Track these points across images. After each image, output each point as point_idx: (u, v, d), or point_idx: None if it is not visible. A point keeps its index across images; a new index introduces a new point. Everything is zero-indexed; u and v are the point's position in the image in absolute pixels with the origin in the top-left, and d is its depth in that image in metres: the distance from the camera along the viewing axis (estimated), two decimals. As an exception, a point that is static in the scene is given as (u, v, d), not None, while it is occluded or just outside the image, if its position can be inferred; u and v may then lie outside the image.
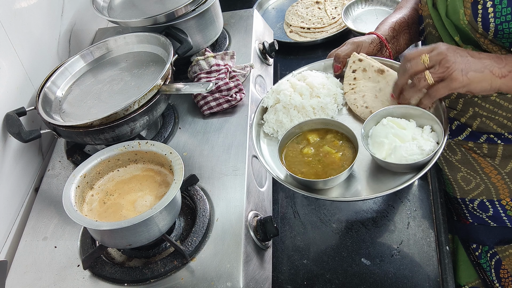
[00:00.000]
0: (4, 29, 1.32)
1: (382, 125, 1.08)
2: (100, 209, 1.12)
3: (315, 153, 1.09)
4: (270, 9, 2.04)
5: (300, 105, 1.18)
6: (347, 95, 1.21)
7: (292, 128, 1.13)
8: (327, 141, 1.11)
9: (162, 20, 1.43)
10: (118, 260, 1.16)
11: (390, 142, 1.04)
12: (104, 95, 1.36)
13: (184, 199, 1.22)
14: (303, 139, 1.13)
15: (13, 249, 1.22)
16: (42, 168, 1.42)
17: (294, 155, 1.10)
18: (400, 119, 1.09)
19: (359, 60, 1.24)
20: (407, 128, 1.07)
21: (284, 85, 1.23)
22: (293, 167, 1.08)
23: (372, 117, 1.10)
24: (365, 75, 1.22)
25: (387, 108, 1.11)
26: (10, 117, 1.29)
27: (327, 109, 1.19)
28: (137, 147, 1.18)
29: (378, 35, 1.32)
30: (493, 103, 1.18)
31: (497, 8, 1.04)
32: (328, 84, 1.23)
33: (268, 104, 1.22)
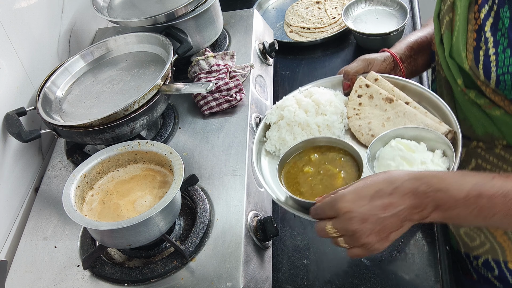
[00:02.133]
0: (4, 29, 1.32)
1: (390, 147, 1.02)
2: (100, 209, 1.12)
3: (315, 171, 1.04)
4: (270, 9, 2.04)
5: (304, 122, 1.13)
6: (351, 120, 1.14)
7: (295, 145, 1.08)
8: (329, 159, 1.05)
9: (162, 20, 1.43)
10: (118, 260, 1.16)
11: (397, 165, 0.98)
12: (104, 95, 1.36)
13: (184, 199, 1.22)
14: (305, 156, 1.08)
15: (13, 249, 1.22)
16: (42, 168, 1.42)
17: (294, 173, 1.05)
18: (409, 141, 1.02)
19: (366, 86, 1.16)
20: (416, 151, 1.00)
21: (289, 101, 1.18)
22: (292, 187, 1.02)
23: (380, 138, 1.04)
24: (371, 102, 1.15)
25: (397, 129, 1.05)
26: (10, 117, 1.29)
27: (333, 128, 1.13)
28: (137, 147, 1.18)
29: (392, 53, 1.25)
30: (498, 156, 1.08)
31: (500, 56, 0.95)
32: (336, 102, 1.17)
33: (271, 120, 1.17)
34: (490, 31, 0.96)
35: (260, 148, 1.16)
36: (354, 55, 1.75)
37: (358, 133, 1.11)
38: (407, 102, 1.11)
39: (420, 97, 1.13)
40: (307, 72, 1.74)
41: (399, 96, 1.12)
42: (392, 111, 1.11)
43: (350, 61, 1.72)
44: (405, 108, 1.09)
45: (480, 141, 1.10)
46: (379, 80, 1.17)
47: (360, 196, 0.85)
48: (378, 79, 1.17)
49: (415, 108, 1.09)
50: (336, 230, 0.87)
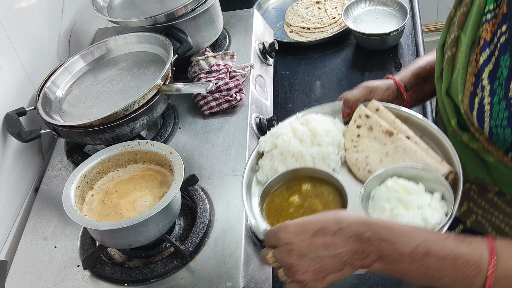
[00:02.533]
0: (4, 29, 1.32)
1: (386, 187, 0.94)
2: (100, 209, 1.12)
3: (300, 203, 0.97)
4: (270, 9, 2.04)
5: (298, 153, 1.05)
6: (348, 153, 1.06)
7: (283, 173, 1.01)
8: (318, 193, 0.98)
9: (162, 20, 1.43)
10: (118, 260, 1.16)
11: (392, 208, 0.91)
12: (104, 95, 1.36)
13: (184, 199, 1.22)
14: (296, 185, 1.00)
15: (13, 249, 1.22)
16: (42, 168, 1.42)
17: (279, 202, 0.98)
18: (407, 182, 0.94)
19: (366, 116, 1.08)
20: (413, 193, 0.92)
21: (284, 128, 1.10)
22: (273, 218, 0.96)
23: (377, 176, 0.96)
24: (370, 134, 1.07)
25: (395, 167, 0.97)
26: (10, 117, 1.29)
27: (329, 160, 1.05)
28: (137, 147, 1.18)
29: (396, 81, 1.17)
30: (490, 202, 1.01)
31: (495, 107, 0.87)
32: (333, 131, 1.09)
33: (264, 149, 1.08)
34: (487, 78, 0.89)
35: (252, 176, 1.07)
36: (354, 55, 1.76)
37: (354, 168, 1.04)
38: (408, 137, 1.03)
39: (423, 131, 1.05)
40: (307, 72, 1.74)
41: (400, 130, 1.05)
42: (392, 145, 1.03)
43: (350, 61, 1.74)
44: (405, 143, 1.02)
45: (473, 184, 1.03)
46: (380, 110, 1.09)
47: (303, 230, 0.81)
48: (380, 109, 1.09)
49: (416, 143, 1.02)
50: (275, 260, 0.83)
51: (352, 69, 1.70)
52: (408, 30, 1.77)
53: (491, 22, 0.91)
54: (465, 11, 0.97)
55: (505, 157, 0.91)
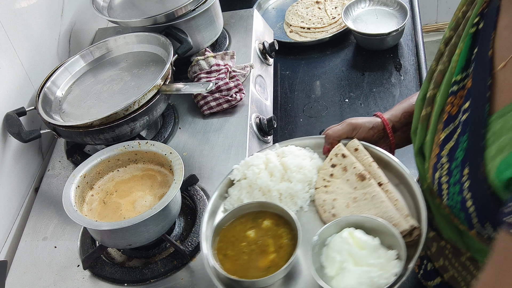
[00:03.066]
0: (4, 29, 1.32)
1: (340, 237, 0.89)
2: (100, 209, 1.12)
3: (254, 239, 0.94)
4: (270, 9, 2.04)
5: (266, 187, 1.01)
6: (318, 192, 1.02)
7: (247, 204, 0.99)
8: (276, 234, 0.94)
9: (162, 20, 1.43)
10: (118, 260, 1.16)
11: (342, 261, 0.86)
12: (104, 95, 1.36)
13: (184, 199, 1.22)
14: (260, 218, 0.97)
15: (13, 249, 1.22)
16: (42, 168, 1.42)
17: (238, 231, 0.96)
18: (363, 235, 0.89)
19: (343, 156, 1.03)
20: (366, 248, 0.87)
21: (257, 159, 1.06)
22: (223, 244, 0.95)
23: (336, 223, 0.92)
24: (343, 175, 1.02)
25: (357, 217, 0.92)
26: (10, 117, 1.29)
27: (297, 197, 1.01)
28: (137, 147, 1.18)
29: (384, 120, 1.10)
30: (463, 265, 0.96)
31: (451, 189, 0.83)
32: (307, 168, 1.04)
33: (235, 177, 1.06)
34: (447, 156, 0.84)
35: (220, 204, 1.05)
36: (354, 55, 1.76)
37: (320, 209, 1.00)
38: (380, 183, 0.99)
39: (400, 179, 1.00)
40: (307, 72, 1.74)
41: (374, 175, 1.00)
42: (361, 191, 0.99)
43: (350, 61, 1.74)
44: (375, 190, 0.97)
45: (448, 243, 0.98)
46: (359, 151, 1.04)
47: None
48: (358, 149, 1.04)
49: (387, 192, 0.97)
50: None
51: (352, 69, 1.70)
52: (408, 30, 1.77)
53: (457, 95, 0.85)
54: (442, 69, 0.91)
55: (470, 231, 0.86)
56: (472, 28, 0.86)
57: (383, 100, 1.58)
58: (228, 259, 0.93)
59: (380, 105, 1.56)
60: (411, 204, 0.97)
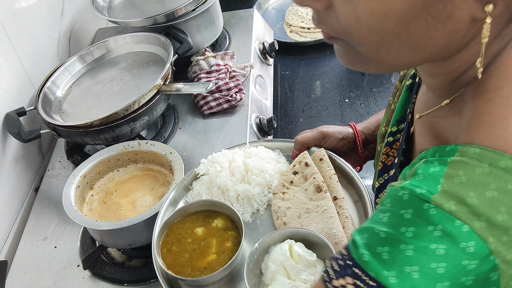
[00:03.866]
0: (4, 29, 1.32)
1: (280, 248, 0.89)
2: (100, 209, 1.12)
3: (200, 237, 0.95)
4: (270, 9, 2.04)
5: (224, 186, 1.01)
6: (275, 198, 1.01)
7: (201, 201, 0.99)
8: (223, 236, 0.95)
9: (162, 20, 1.43)
10: (118, 260, 1.16)
11: (276, 271, 0.87)
12: (104, 95, 1.36)
13: (184, 199, 1.22)
14: (212, 217, 0.98)
15: (13, 249, 1.22)
16: (42, 168, 1.42)
17: (187, 227, 0.97)
18: (303, 249, 0.89)
19: (306, 165, 1.03)
20: (301, 263, 0.88)
21: (222, 157, 1.06)
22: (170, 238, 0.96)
23: (280, 233, 0.92)
24: (302, 184, 1.02)
25: (301, 230, 0.92)
26: (10, 117, 1.29)
27: (254, 200, 1.01)
28: (137, 147, 1.18)
29: (355, 131, 1.07)
30: None
31: None
32: (269, 172, 1.04)
33: (199, 171, 1.06)
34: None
35: (182, 195, 1.05)
36: (354, 55, 1.75)
37: (274, 214, 1.00)
38: (335, 198, 0.98)
39: (360, 197, 1.00)
40: (307, 72, 1.74)
41: (332, 188, 0.99)
42: (315, 202, 0.98)
43: (350, 61, 1.74)
44: (327, 204, 0.96)
45: None
46: (323, 161, 1.03)
47: None
48: (323, 160, 1.03)
49: (340, 207, 0.97)
50: None
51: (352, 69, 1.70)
52: (408, 30, 1.76)
53: (393, 147, 0.82)
54: (393, 109, 0.86)
55: None
56: (410, 79, 0.82)
57: (383, 100, 1.58)
58: (170, 254, 0.94)
59: (380, 105, 1.56)
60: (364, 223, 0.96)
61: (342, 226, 0.94)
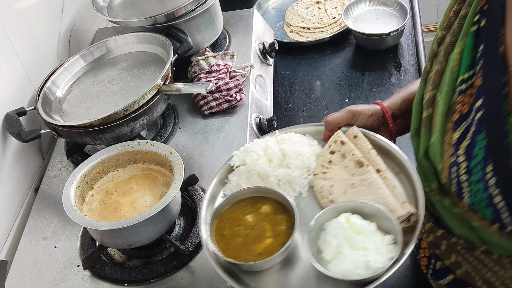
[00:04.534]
0: (4, 29, 1.32)
1: (337, 222, 0.90)
2: (100, 209, 1.12)
3: (252, 224, 0.95)
4: (270, 9, 2.04)
5: (264, 173, 1.02)
6: (316, 179, 1.03)
7: (246, 189, 0.99)
8: (274, 220, 0.95)
9: (162, 20, 1.43)
10: (118, 260, 1.16)
11: (338, 245, 0.87)
12: (104, 95, 1.36)
13: (184, 199, 1.22)
14: (259, 203, 0.98)
15: (13, 249, 1.22)
16: (42, 168, 1.42)
17: (236, 215, 0.97)
18: (360, 220, 0.90)
19: (341, 143, 1.04)
20: (362, 233, 0.88)
21: (256, 146, 1.07)
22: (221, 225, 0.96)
23: (333, 208, 0.93)
24: (341, 162, 1.03)
25: (354, 202, 0.93)
26: (10, 117, 1.29)
27: (295, 183, 1.02)
28: (137, 147, 1.18)
29: (383, 107, 1.11)
30: (477, 259, 0.95)
31: (472, 186, 0.82)
32: (305, 155, 1.05)
33: (235, 163, 1.07)
34: (464, 154, 0.83)
35: (220, 189, 1.06)
36: (354, 55, 1.76)
37: (318, 195, 1.01)
38: (378, 170, 0.99)
39: (401, 167, 1.01)
40: (307, 72, 1.74)
41: (372, 161, 1.01)
42: (359, 177, 0.99)
43: (350, 61, 1.74)
44: (372, 177, 0.98)
45: (460, 239, 0.97)
46: (358, 138, 1.05)
47: None
48: (358, 137, 1.05)
49: (385, 178, 0.98)
50: None
51: (352, 69, 1.70)
52: (408, 30, 1.77)
53: (467, 93, 0.85)
54: (439, 69, 0.90)
55: (490, 227, 0.85)
56: (473, 26, 0.86)
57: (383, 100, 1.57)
58: (223, 240, 0.94)
59: (380, 105, 1.56)
60: (410, 192, 0.97)
61: (392, 195, 0.95)
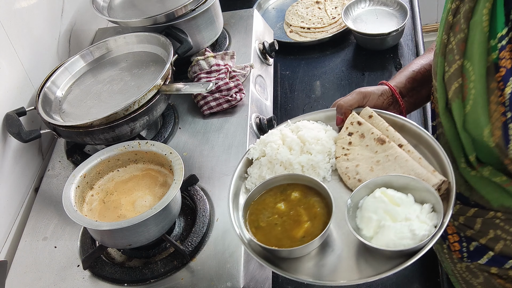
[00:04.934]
0: (4, 29, 1.32)
1: (373, 198, 0.91)
2: (100, 209, 1.12)
3: (285, 211, 0.95)
4: (270, 9, 2.04)
5: (287, 161, 1.03)
6: (339, 161, 1.04)
7: (274, 177, 1.00)
8: (307, 204, 0.96)
9: (162, 20, 1.43)
10: (118, 260, 1.16)
11: (379, 219, 0.88)
12: (104, 95, 1.36)
13: (184, 199, 1.22)
14: (288, 190, 0.99)
15: (13, 249, 1.22)
16: (42, 168, 1.42)
17: (266, 205, 0.97)
18: (396, 192, 0.91)
19: (358, 123, 1.06)
20: (401, 204, 0.89)
21: (273, 136, 1.08)
22: (255, 217, 0.96)
23: (365, 186, 0.93)
24: (362, 142, 1.04)
25: (385, 177, 0.94)
26: (10, 117, 1.29)
27: (318, 168, 1.03)
28: (137, 147, 1.18)
29: (390, 87, 1.14)
30: None
31: None
32: (324, 139, 1.07)
33: (253, 156, 1.07)
34: None
35: (240, 184, 1.06)
36: (354, 55, 1.76)
37: (344, 176, 1.02)
38: (400, 145, 1.01)
39: (418, 140, 1.03)
40: (307, 72, 1.74)
41: (392, 138, 1.02)
42: (383, 153, 1.00)
43: (350, 61, 1.74)
44: (397, 151, 0.99)
45: (498, 212, 0.98)
46: (373, 117, 1.07)
47: None
48: (373, 116, 1.07)
49: (409, 152, 1.00)
50: None
51: (352, 69, 1.70)
52: (408, 30, 1.77)
53: (507, 48, 0.85)
54: (463, 37, 0.91)
55: None
56: None
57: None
58: (260, 231, 0.94)
59: (380, 105, 1.56)
60: (434, 162, 0.98)
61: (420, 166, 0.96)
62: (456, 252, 1.07)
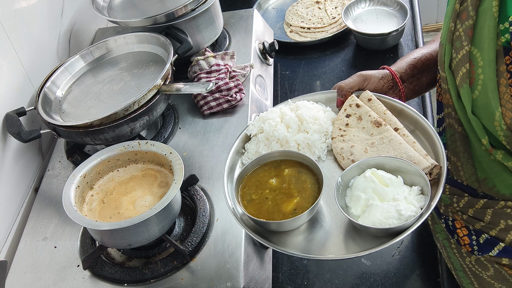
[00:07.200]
0: (4, 29, 1.32)
1: (363, 177, 0.94)
2: (100, 209, 1.12)
3: (276, 186, 0.98)
4: (270, 9, 2.04)
5: (283, 138, 1.06)
6: (334, 142, 1.07)
7: (269, 153, 1.03)
8: (298, 180, 0.98)
9: (162, 20, 1.43)
10: (118, 260, 1.16)
11: (368, 199, 0.91)
12: (104, 95, 1.36)
13: (184, 199, 1.22)
14: (281, 166, 1.01)
15: (13, 249, 1.22)
16: (42, 168, 1.42)
17: (260, 179, 1.00)
18: (386, 174, 0.94)
19: (357, 106, 1.08)
20: (390, 185, 0.92)
21: (272, 113, 1.11)
22: (247, 190, 0.99)
23: (357, 165, 0.96)
24: (359, 124, 1.07)
25: (377, 158, 0.97)
26: (10, 117, 1.29)
27: (314, 147, 1.06)
28: (137, 147, 1.18)
29: (391, 71, 1.16)
30: None
31: None
32: (322, 119, 1.09)
33: (252, 132, 1.10)
34: None
35: (237, 159, 1.09)
36: (354, 55, 1.76)
37: (339, 156, 1.05)
38: (396, 128, 1.04)
39: (415, 125, 1.06)
40: (307, 72, 1.74)
41: (389, 121, 1.05)
42: (378, 136, 1.03)
43: (350, 61, 1.74)
44: (391, 134, 1.02)
45: (509, 201, 1.00)
46: (372, 101, 1.09)
47: None
48: (372, 99, 1.09)
49: (404, 136, 1.02)
50: None
51: (352, 69, 1.70)
52: (408, 30, 1.77)
53: None
54: (471, 24, 0.92)
55: None
56: None
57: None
58: (252, 204, 0.97)
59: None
60: (429, 148, 1.01)
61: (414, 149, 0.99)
62: (466, 246, 1.08)
